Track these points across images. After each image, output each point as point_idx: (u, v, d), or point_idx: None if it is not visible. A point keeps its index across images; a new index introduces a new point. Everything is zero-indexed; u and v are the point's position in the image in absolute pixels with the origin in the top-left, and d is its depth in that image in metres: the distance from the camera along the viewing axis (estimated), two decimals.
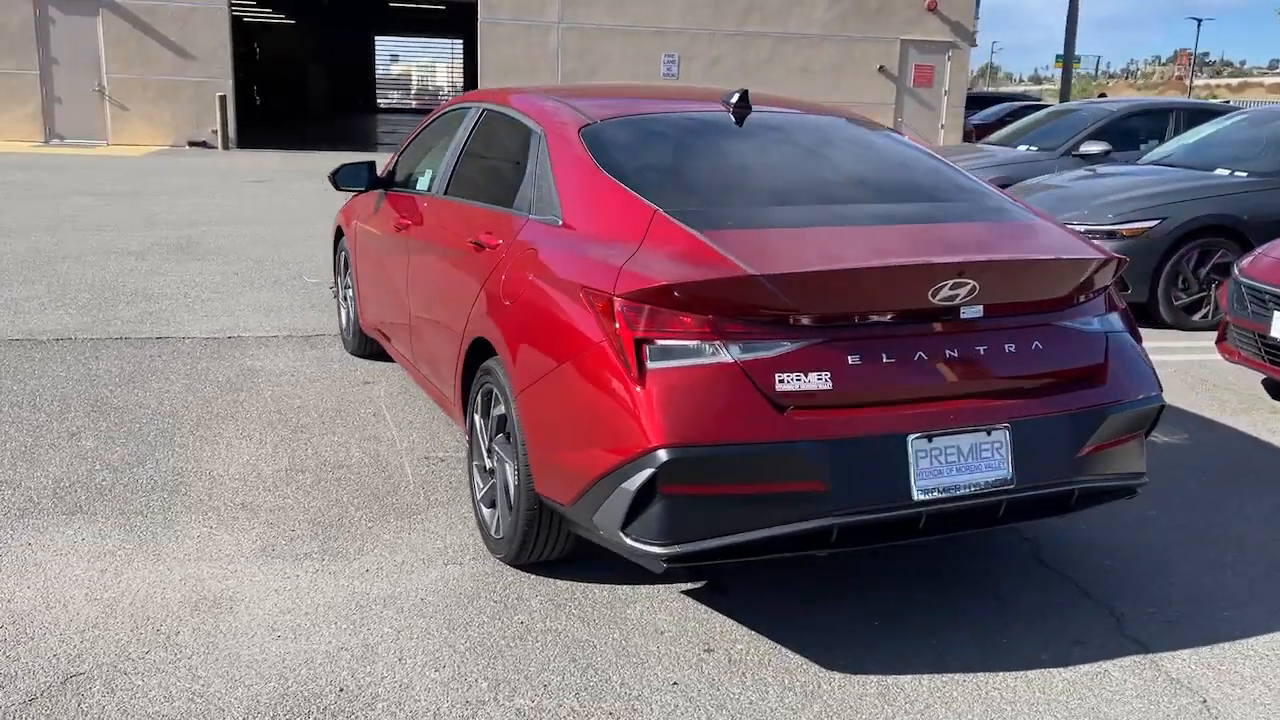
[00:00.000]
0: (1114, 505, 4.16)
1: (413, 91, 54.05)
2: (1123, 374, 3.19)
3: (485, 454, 3.61)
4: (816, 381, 2.77)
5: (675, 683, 2.90)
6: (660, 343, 2.76)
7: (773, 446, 2.72)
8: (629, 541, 2.81)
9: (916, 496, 2.83)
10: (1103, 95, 45.55)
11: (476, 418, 3.67)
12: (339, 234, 6.10)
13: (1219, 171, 7.85)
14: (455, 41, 47.67)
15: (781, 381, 2.75)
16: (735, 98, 3.79)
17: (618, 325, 2.81)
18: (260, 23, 39.18)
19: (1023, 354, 3.02)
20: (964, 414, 2.91)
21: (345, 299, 6.05)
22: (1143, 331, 3.53)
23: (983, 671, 3.00)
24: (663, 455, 2.69)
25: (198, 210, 11.90)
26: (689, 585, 3.44)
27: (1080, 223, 7.44)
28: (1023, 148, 10.71)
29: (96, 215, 11.09)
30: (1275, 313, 5.46)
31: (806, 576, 3.52)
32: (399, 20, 41.30)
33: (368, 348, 5.86)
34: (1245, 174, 7.72)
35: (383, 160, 5.67)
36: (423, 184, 4.74)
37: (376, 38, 47.16)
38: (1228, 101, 35.63)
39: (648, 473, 2.71)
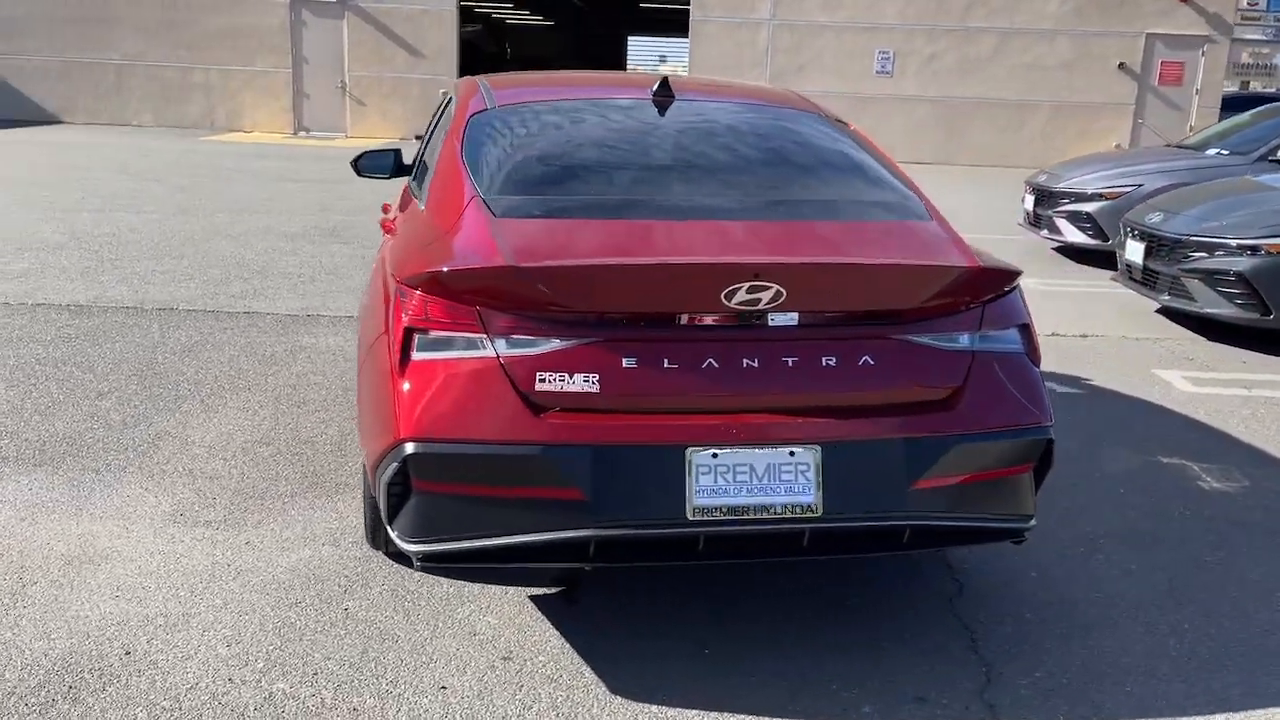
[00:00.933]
0: (1092, 550, 3.68)
1: None
2: (988, 399, 2.77)
3: None
4: (582, 383, 2.58)
5: (444, 687, 2.79)
6: (432, 334, 2.66)
7: (524, 449, 2.56)
8: (394, 536, 2.74)
9: (691, 515, 2.58)
10: None
11: None
12: None
13: None
14: None
15: (543, 381, 2.58)
16: (656, 86, 3.60)
17: (394, 313, 2.74)
18: (519, 24, 41.09)
19: (846, 368, 2.69)
20: (760, 430, 2.63)
21: None
22: None
23: (775, 718, 2.71)
24: (409, 449, 2.59)
25: (377, 198, 12.61)
26: (540, 590, 3.30)
27: (1219, 235, 6.56)
28: (1213, 151, 9.56)
29: (285, 200, 11.99)
30: None
31: (679, 590, 3.30)
32: (650, 20, 42.20)
33: None
34: None
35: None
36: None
37: (629, 37, 48.31)
38: None
39: (394, 466, 2.62)
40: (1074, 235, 9.40)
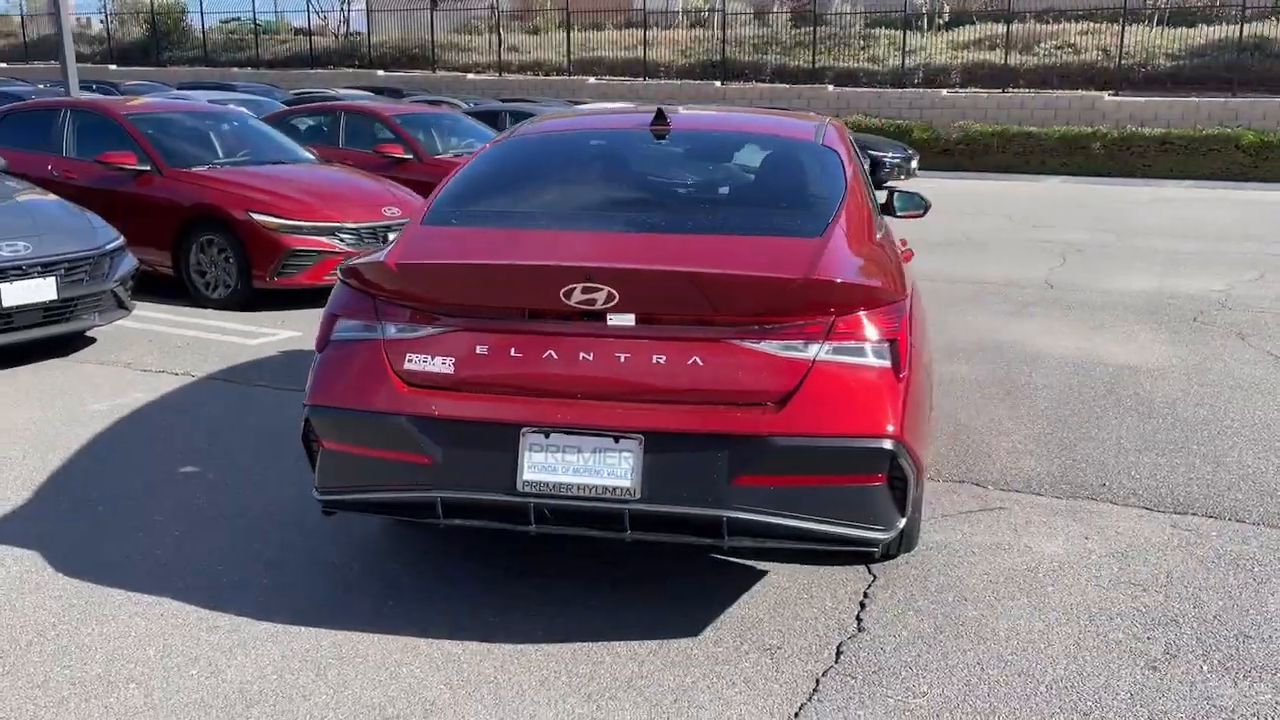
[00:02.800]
0: (1073, 595, 3.54)
1: None
2: (821, 405, 2.93)
3: None
4: (440, 365, 3.07)
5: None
6: (345, 320, 3.24)
7: (386, 418, 3.06)
8: (314, 487, 3.26)
9: (521, 487, 2.93)
10: None
11: None
12: None
13: None
14: None
15: (412, 362, 3.06)
16: (653, 116, 4.03)
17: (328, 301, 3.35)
18: None
19: (674, 367, 2.98)
20: (589, 416, 2.94)
21: None
22: None
23: None
24: (308, 411, 3.18)
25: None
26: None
27: None
28: None
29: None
30: None
31: (618, 574, 3.65)
32: None
33: None
34: None
35: None
36: None
37: None
38: None
39: (303, 425, 3.18)
40: None
